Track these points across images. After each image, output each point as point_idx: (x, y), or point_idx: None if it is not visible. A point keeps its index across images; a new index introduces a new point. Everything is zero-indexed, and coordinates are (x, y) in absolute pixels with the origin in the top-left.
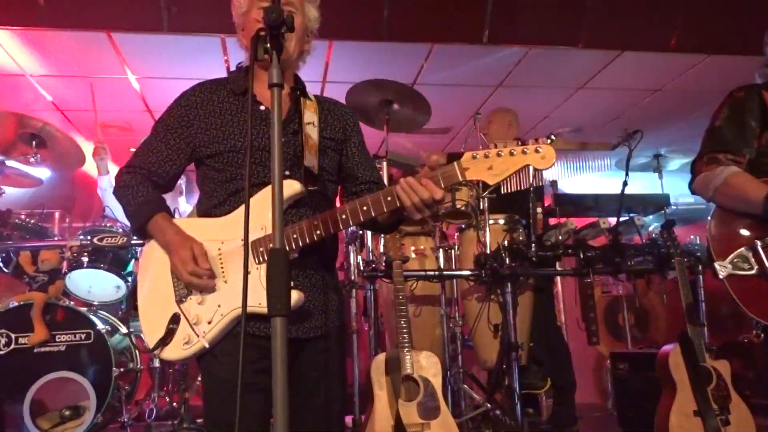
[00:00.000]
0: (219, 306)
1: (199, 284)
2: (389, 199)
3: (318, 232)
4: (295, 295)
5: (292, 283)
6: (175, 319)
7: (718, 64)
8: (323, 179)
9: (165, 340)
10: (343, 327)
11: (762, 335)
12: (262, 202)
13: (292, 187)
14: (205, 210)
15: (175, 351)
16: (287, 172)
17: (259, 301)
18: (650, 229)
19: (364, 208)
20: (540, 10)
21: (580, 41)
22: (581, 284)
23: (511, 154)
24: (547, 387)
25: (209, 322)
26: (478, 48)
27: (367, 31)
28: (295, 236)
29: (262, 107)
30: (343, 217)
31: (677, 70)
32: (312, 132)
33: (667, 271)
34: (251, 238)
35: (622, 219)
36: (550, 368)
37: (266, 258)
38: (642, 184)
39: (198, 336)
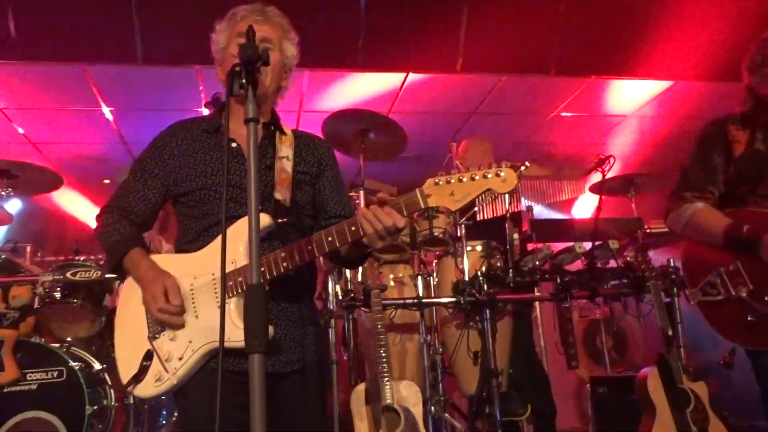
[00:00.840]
0: (190, 342)
1: (169, 320)
2: (353, 228)
3: (285, 264)
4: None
5: None
6: (148, 356)
7: (685, 91)
8: (297, 213)
9: (138, 377)
10: (322, 360)
11: (734, 358)
12: (233, 237)
13: (261, 221)
14: (180, 246)
15: (147, 388)
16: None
17: (228, 336)
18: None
19: (329, 238)
20: (512, 39)
21: (552, 69)
22: (559, 309)
23: (473, 179)
24: (527, 414)
25: (180, 359)
26: (453, 76)
27: (343, 60)
28: (262, 269)
29: (234, 144)
30: (309, 248)
31: (645, 97)
32: (286, 166)
33: (643, 293)
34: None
35: (597, 243)
36: (530, 394)
37: (237, 291)
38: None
39: (168, 372)
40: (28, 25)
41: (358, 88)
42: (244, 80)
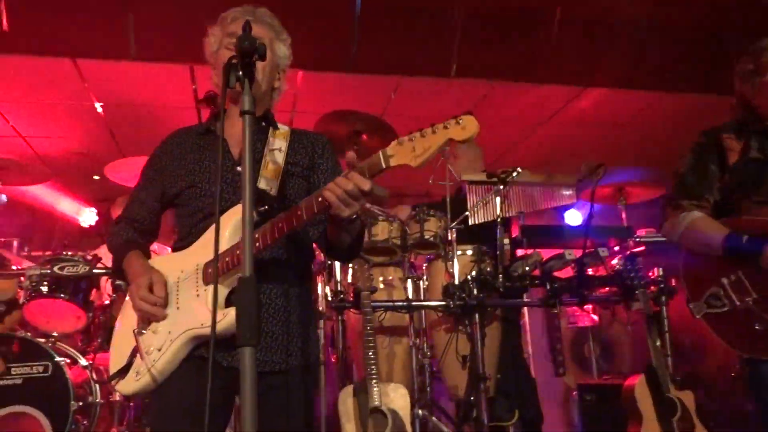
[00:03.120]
0: (169, 332)
1: (150, 311)
2: (320, 199)
3: (257, 244)
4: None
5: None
6: (134, 352)
7: (671, 101)
8: (286, 204)
9: (122, 372)
10: (310, 365)
11: (746, 368)
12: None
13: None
14: (175, 246)
15: (128, 384)
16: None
17: (201, 322)
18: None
19: (299, 212)
20: (504, 45)
21: (540, 77)
22: (548, 315)
23: (434, 132)
24: (514, 419)
25: (159, 350)
26: (446, 81)
27: (336, 62)
28: (238, 252)
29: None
30: (280, 225)
31: (635, 106)
32: (277, 157)
33: (632, 302)
34: (204, 260)
35: (587, 250)
36: (517, 400)
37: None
38: (606, 215)
39: (147, 365)
40: (21, 18)
41: (352, 90)
42: (240, 72)
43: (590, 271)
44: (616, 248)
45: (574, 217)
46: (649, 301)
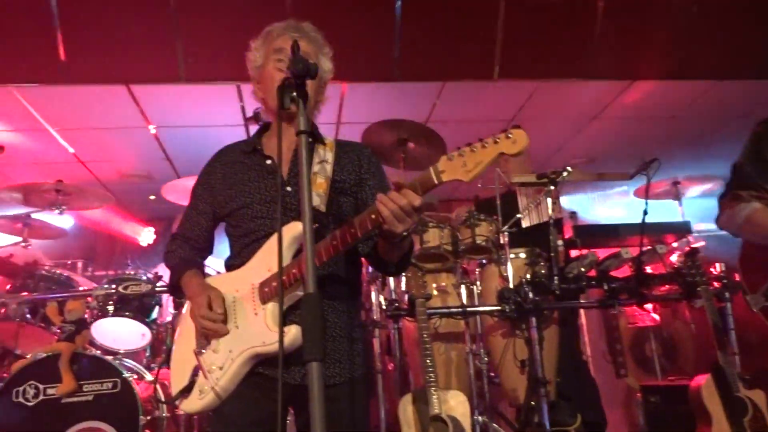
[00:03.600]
0: (230, 351)
1: (212, 328)
2: (373, 216)
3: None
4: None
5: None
6: (195, 371)
7: (726, 90)
8: (335, 221)
9: (185, 391)
10: (367, 374)
11: None
12: (271, 248)
13: (293, 229)
14: (228, 264)
15: (192, 402)
16: (292, 215)
17: (263, 340)
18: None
19: (352, 230)
20: (548, 44)
21: (589, 73)
22: (606, 316)
23: (483, 146)
24: (577, 423)
25: (221, 368)
26: (490, 83)
27: (379, 71)
28: (294, 271)
29: (269, 161)
30: (334, 242)
31: (689, 96)
32: (326, 169)
33: (694, 299)
34: (258, 280)
35: (644, 248)
36: (578, 404)
37: (273, 296)
38: (661, 212)
39: (210, 383)
40: (77, 49)
41: (396, 98)
42: (294, 93)
43: (648, 269)
44: (675, 244)
45: (628, 215)
46: (712, 298)
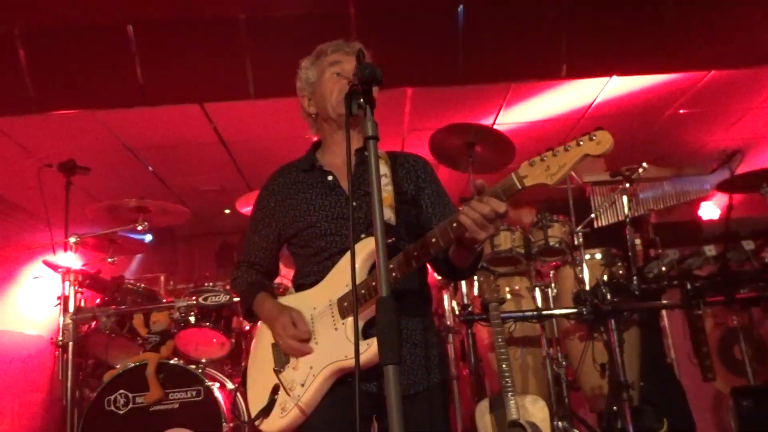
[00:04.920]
0: (311, 368)
1: (299, 347)
2: (454, 225)
3: (394, 274)
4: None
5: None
6: (275, 390)
7: None
8: (404, 233)
9: (266, 411)
10: (445, 381)
11: None
12: (345, 265)
13: (369, 245)
14: (297, 284)
15: (274, 422)
16: (363, 235)
17: (346, 354)
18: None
19: (433, 240)
20: (615, 40)
21: (659, 65)
22: (690, 317)
23: (566, 149)
24: (664, 429)
25: (302, 385)
26: (557, 82)
27: (443, 76)
28: (374, 283)
29: (330, 177)
30: (415, 253)
31: None
32: (386, 186)
33: None
34: (336, 296)
35: (729, 245)
36: (665, 409)
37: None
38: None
39: (292, 400)
40: (152, 72)
41: (461, 102)
42: (362, 99)
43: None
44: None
45: (710, 211)
46: None
